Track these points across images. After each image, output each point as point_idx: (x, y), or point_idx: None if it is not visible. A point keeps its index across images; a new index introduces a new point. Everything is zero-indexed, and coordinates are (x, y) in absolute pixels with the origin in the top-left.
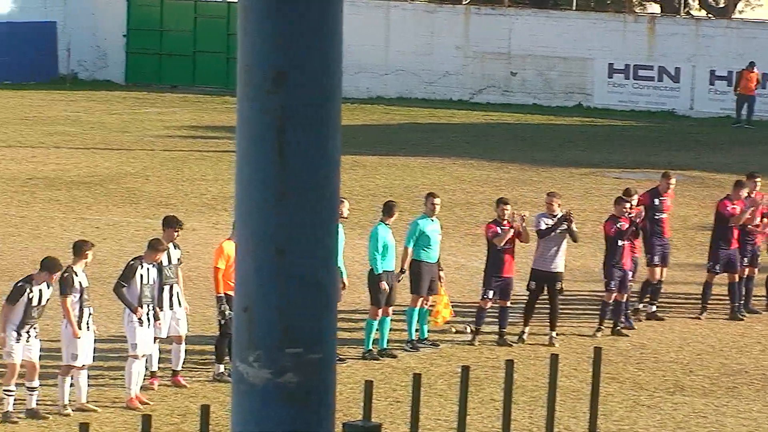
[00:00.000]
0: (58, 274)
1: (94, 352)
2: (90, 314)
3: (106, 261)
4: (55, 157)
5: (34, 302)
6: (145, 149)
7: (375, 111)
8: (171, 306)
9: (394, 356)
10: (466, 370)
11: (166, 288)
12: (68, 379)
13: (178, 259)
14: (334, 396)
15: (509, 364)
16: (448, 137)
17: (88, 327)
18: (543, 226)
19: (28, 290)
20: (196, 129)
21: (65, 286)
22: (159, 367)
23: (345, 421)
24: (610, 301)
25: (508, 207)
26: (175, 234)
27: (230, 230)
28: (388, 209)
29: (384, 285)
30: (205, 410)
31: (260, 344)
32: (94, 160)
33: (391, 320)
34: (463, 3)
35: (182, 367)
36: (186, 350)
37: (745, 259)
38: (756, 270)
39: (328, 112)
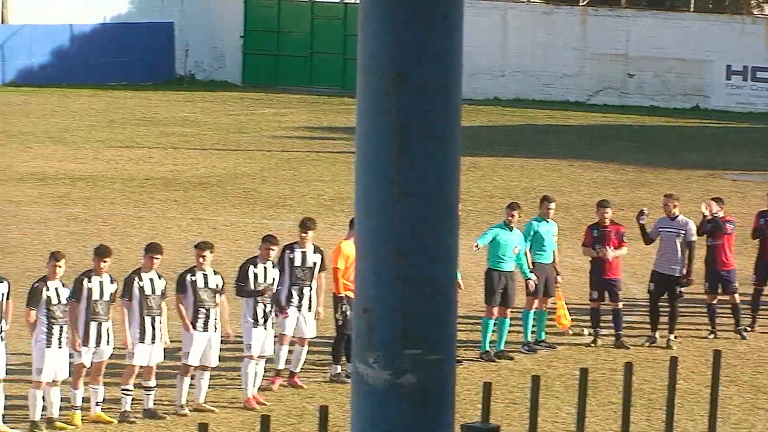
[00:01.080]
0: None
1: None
2: (207, 315)
3: (223, 261)
4: (172, 157)
5: (147, 291)
6: (262, 150)
7: (492, 112)
8: (300, 308)
9: (511, 358)
10: (584, 372)
11: (295, 289)
12: (187, 380)
13: (314, 263)
14: (453, 397)
15: (628, 367)
16: (565, 139)
17: (205, 327)
18: (657, 230)
19: (137, 280)
20: (313, 130)
21: (182, 286)
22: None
23: (463, 423)
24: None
25: (608, 211)
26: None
27: (347, 230)
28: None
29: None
30: (323, 411)
31: (380, 345)
32: (211, 161)
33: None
34: (581, 4)
35: (299, 369)
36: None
37: None
38: None
39: (448, 113)
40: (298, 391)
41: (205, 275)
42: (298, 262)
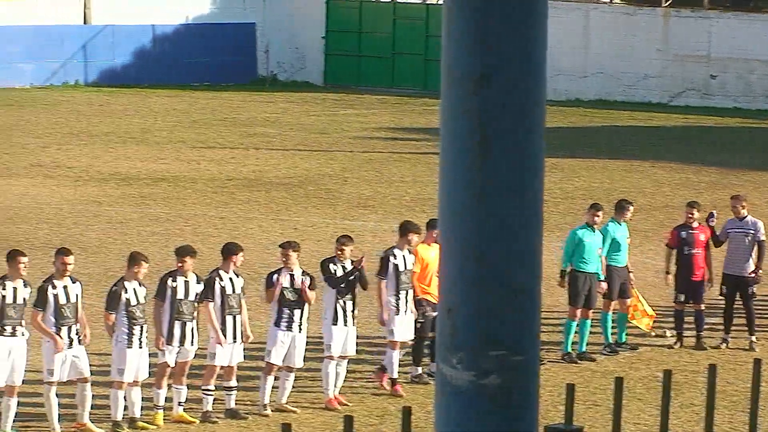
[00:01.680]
0: (240, 257)
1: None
2: (291, 315)
3: (305, 262)
4: (254, 158)
5: (228, 291)
6: (344, 151)
7: (574, 114)
8: (403, 311)
9: (593, 359)
10: (668, 374)
11: (401, 293)
12: (270, 379)
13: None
14: (537, 398)
15: (712, 368)
16: (646, 140)
17: (289, 327)
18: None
19: (218, 280)
20: (395, 131)
21: (269, 283)
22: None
23: (546, 424)
24: None
25: (695, 212)
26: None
27: (423, 233)
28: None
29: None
30: (406, 412)
31: (463, 346)
32: (293, 162)
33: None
34: (663, 5)
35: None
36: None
37: None
38: None
39: (531, 115)
40: (380, 392)
41: (291, 275)
42: (401, 267)
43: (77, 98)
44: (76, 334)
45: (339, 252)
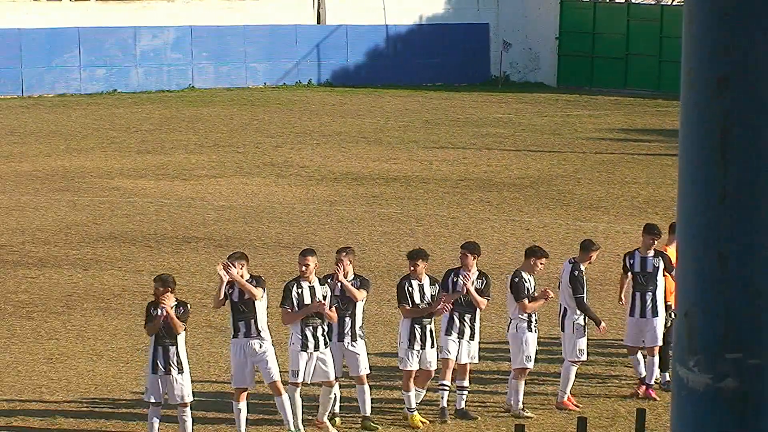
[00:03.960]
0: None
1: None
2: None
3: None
4: (486, 158)
5: (416, 298)
6: (576, 152)
7: None
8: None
9: None
10: None
11: (646, 294)
12: (522, 383)
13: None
14: None
15: None
16: None
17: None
18: None
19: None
20: (628, 132)
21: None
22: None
23: None
24: None
25: None
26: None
27: (667, 236)
28: None
29: None
30: (641, 414)
31: (700, 349)
32: (525, 162)
33: None
34: None
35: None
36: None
37: None
38: None
39: None
40: (610, 394)
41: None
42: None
43: (310, 98)
44: (322, 335)
45: (584, 257)
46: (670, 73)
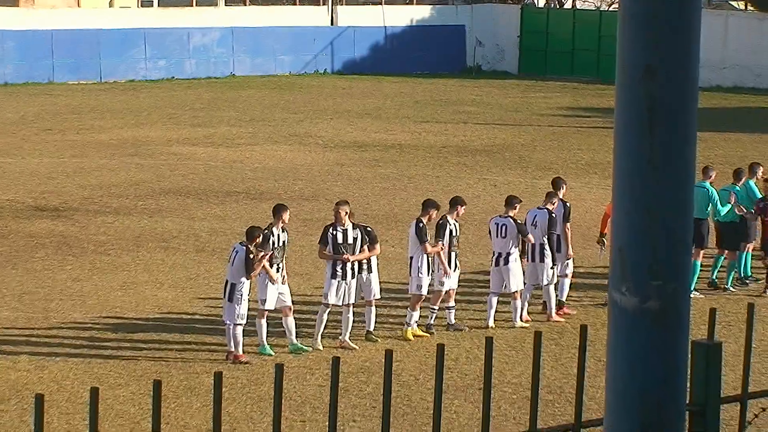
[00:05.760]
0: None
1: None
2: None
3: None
4: (462, 130)
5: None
6: (533, 125)
7: (714, 97)
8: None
9: (726, 289)
10: None
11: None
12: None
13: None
14: (688, 319)
15: None
16: (762, 117)
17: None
18: None
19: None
20: (574, 110)
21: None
22: None
23: (693, 339)
24: None
25: None
26: None
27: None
28: None
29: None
30: (583, 329)
31: (630, 277)
32: (493, 133)
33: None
34: None
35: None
36: None
37: None
38: None
39: (688, 97)
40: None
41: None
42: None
43: (325, 83)
44: (350, 268)
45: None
46: (607, 64)
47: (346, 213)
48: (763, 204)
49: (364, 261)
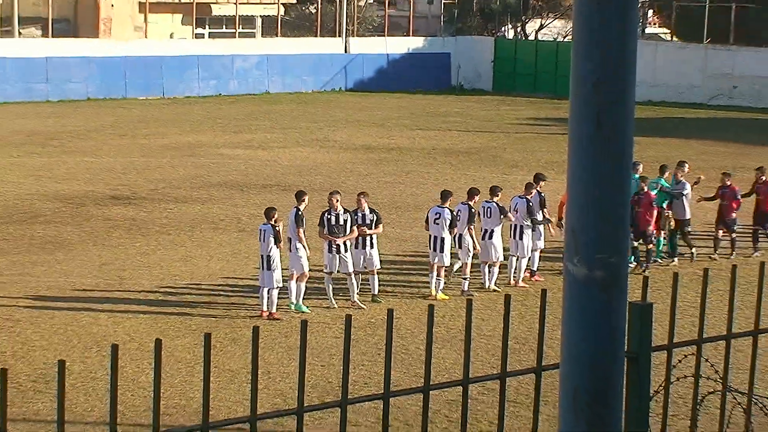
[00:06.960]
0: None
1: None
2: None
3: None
4: (448, 136)
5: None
6: (504, 132)
7: (646, 109)
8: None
9: (655, 260)
10: (706, 271)
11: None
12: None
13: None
14: (626, 286)
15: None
16: (692, 125)
17: None
18: None
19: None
20: (536, 120)
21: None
22: None
23: (630, 301)
24: None
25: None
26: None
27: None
28: None
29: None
30: (543, 293)
31: (581, 251)
32: (472, 138)
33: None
34: (704, 42)
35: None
36: None
37: None
38: None
39: (627, 106)
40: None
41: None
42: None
43: (340, 99)
44: (343, 243)
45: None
46: (563, 83)
47: (338, 200)
48: (722, 190)
49: (367, 238)
